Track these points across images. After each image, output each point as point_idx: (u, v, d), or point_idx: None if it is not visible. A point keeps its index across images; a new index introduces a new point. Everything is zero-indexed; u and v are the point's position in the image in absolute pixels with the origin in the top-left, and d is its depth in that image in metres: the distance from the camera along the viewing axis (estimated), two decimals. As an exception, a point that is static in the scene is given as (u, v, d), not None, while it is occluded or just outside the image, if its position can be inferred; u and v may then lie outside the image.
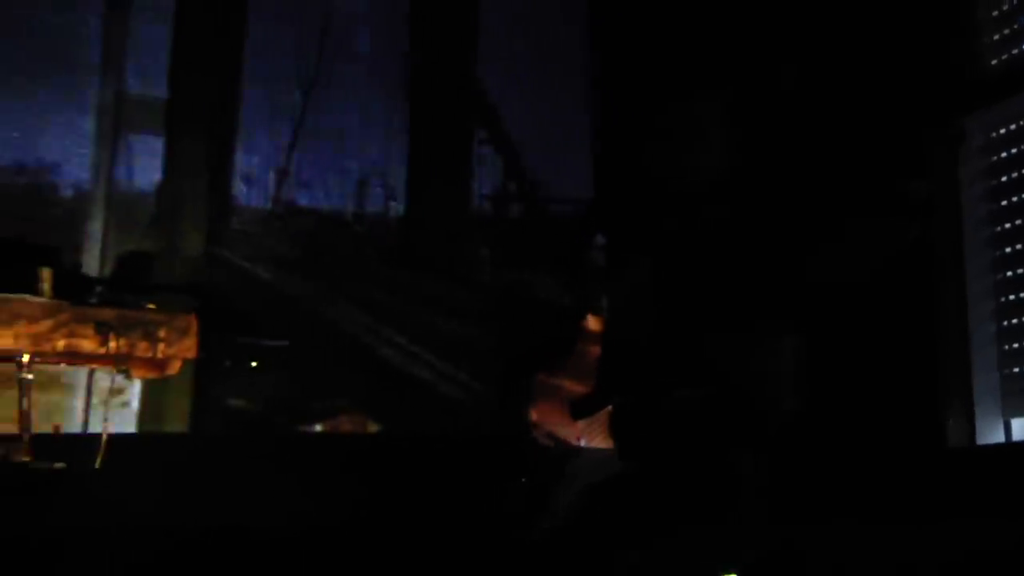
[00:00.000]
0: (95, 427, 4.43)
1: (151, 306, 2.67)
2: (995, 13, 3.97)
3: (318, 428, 4.95)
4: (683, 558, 2.75)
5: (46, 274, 2.43)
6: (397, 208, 5.15)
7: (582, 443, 3.11)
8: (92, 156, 4.83)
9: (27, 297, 2.37)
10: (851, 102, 3.99)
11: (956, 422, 3.88)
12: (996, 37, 3.97)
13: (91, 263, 4.74)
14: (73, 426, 4.44)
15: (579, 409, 3.14)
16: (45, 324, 2.38)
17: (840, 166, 3.73)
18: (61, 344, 2.39)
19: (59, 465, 2.37)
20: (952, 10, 4.02)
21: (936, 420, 3.89)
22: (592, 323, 3.24)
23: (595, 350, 3.23)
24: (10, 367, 2.45)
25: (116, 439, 2.59)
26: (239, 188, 5.01)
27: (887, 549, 3.12)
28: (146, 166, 4.92)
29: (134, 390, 4.52)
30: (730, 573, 2.72)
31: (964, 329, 3.92)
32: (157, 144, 4.93)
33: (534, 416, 3.25)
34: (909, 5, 4.01)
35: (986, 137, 3.98)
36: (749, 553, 2.79)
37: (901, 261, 3.68)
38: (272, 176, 5.03)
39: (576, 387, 3.21)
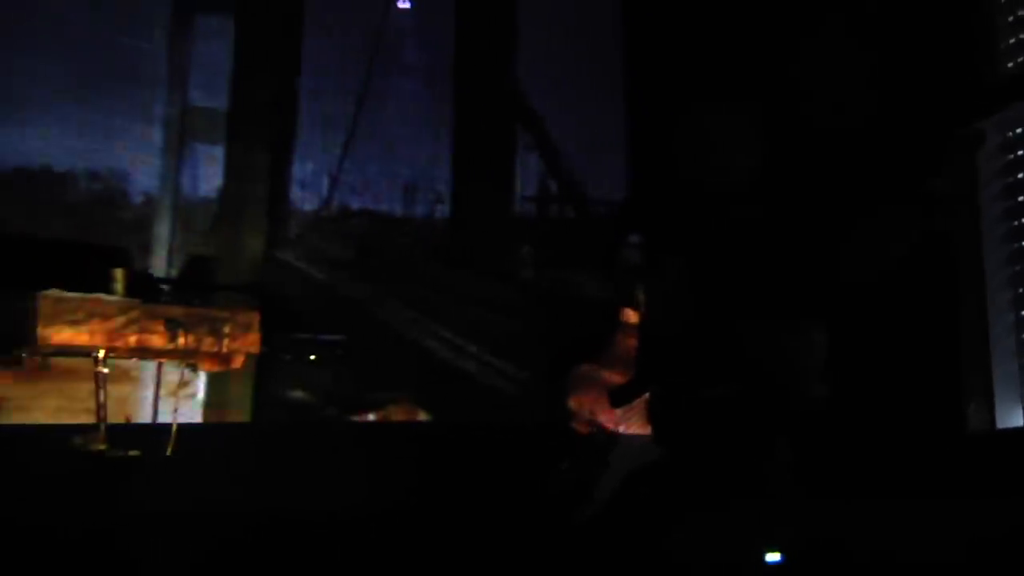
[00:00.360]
0: (163, 417, 4.47)
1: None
2: (1010, 19, 3.94)
3: (371, 418, 4.96)
4: (724, 537, 2.73)
5: (119, 274, 2.45)
6: (444, 210, 5.15)
7: (621, 430, 3.10)
8: (159, 165, 4.88)
9: (102, 296, 2.39)
10: (875, 106, 3.96)
11: (977, 407, 3.87)
12: (1012, 42, 3.94)
13: (159, 264, 4.78)
14: (142, 417, 4.47)
15: (618, 398, 3.14)
16: (118, 321, 2.40)
17: (865, 166, 3.71)
18: (133, 340, 2.41)
19: (134, 453, 2.39)
20: (970, 19, 3.99)
21: (958, 405, 3.88)
22: (630, 317, 3.23)
23: (633, 342, 3.22)
24: (86, 361, 2.47)
25: (184, 429, 2.61)
26: (295, 193, 5.03)
27: (914, 527, 3.09)
28: (209, 173, 4.95)
29: (199, 382, 4.55)
30: (772, 550, 2.71)
31: (983, 319, 3.91)
32: (219, 153, 4.96)
33: (574, 405, 3.25)
34: (930, 16, 3.99)
35: (1003, 137, 3.95)
36: (789, 532, 2.78)
37: (923, 256, 3.66)
38: (326, 182, 5.05)
39: (615, 377, 3.20)
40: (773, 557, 2.73)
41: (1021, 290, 3.87)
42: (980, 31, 4.01)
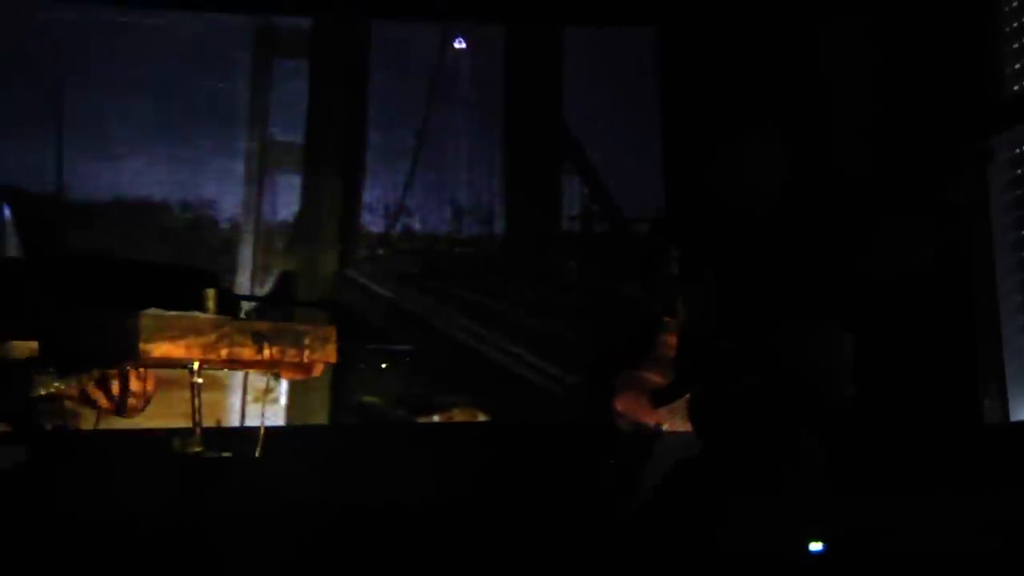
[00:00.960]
0: (250, 421, 4.50)
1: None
2: (1015, 46, 3.90)
3: (436, 419, 4.97)
4: (767, 526, 2.71)
5: (211, 293, 2.46)
6: (498, 229, 5.14)
7: (664, 428, 3.09)
8: (243, 194, 4.92)
9: (196, 314, 2.40)
10: (894, 126, 3.93)
11: (992, 402, 3.85)
12: (1016, 67, 3.90)
13: (244, 283, 4.82)
14: (231, 421, 4.51)
15: (660, 398, 3.12)
16: (211, 336, 2.40)
17: (886, 180, 3.68)
18: (225, 352, 2.41)
19: (226, 454, 2.39)
20: (979, 47, 3.96)
21: (974, 401, 3.85)
22: (670, 323, 3.21)
23: (673, 346, 3.20)
24: (183, 372, 2.48)
25: (270, 431, 2.62)
26: (364, 217, 5.05)
27: (939, 517, 3.04)
28: (287, 201, 4.98)
29: (282, 389, 4.58)
30: (815, 541, 2.68)
31: (996, 321, 3.87)
32: (295, 182, 4.99)
33: (619, 406, 3.23)
34: (942, 45, 3.96)
35: (1011, 152, 3.91)
36: (830, 524, 2.75)
37: (940, 263, 3.61)
38: (391, 206, 5.06)
39: (657, 379, 3.19)
40: (816, 547, 2.70)
41: (1030, 293, 3.82)
42: (988, 58, 3.97)
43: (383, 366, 4.79)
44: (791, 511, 2.73)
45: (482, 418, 4.99)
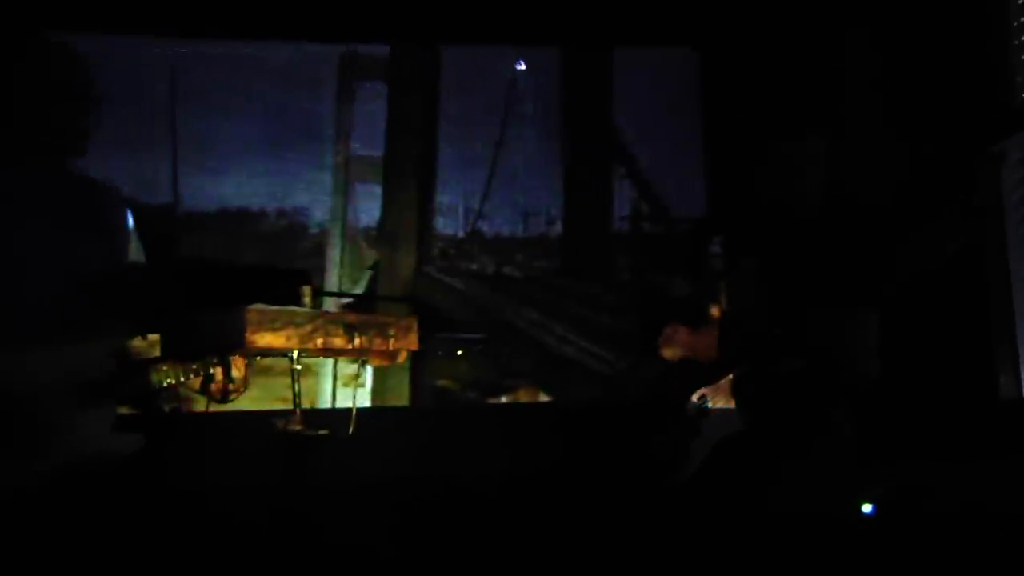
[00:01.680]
0: (340, 403, 4.53)
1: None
2: (1023, 57, 3.85)
3: (503, 400, 4.98)
4: (819, 492, 2.68)
5: (307, 290, 2.48)
6: (557, 230, 5.14)
7: (708, 405, 3.07)
8: (330, 202, 4.97)
9: (294, 308, 2.42)
10: (918, 135, 3.90)
11: (1006, 379, 3.82)
12: None
13: (332, 281, 4.87)
14: (322, 403, 4.55)
15: (705, 377, 3.10)
16: (307, 328, 2.42)
17: (910, 184, 3.64)
18: (319, 342, 2.43)
19: (323, 432, 2.41)
20: (990, 60, 3.91)
21: (990, 378, 3.80)
22: (713, 311, 3.19)
23: (716, 332, 3.17)
24: (278, 361, 2.50)
25: (359, 412, 2.64)
26: (438, 220, 5.07)
27: (966, 482, 3.01)
28: (369, 207, 5.02)
29: (367, 374, 4.60)
30: (864, 502, 2.66)
31: (1009, 307, 3.86)
32: (376, 191, 5.03)
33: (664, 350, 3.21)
34: (958, 60, 3.92)
35: (1021, 154, 3.84)
36: (878, 487, 2.72)
37: (958, 256, 3.56)
38: (462, 211, 5.08)
39: (703, 359, 3.16)
40: (867, 508, 2.68)
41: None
42: (1000, 70, 3.92)
43: (458, 353, 4.81)
44: (839, 474, 2.70)
45: (544, 398, 4.99)
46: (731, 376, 3.00)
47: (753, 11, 4.69)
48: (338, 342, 2.45)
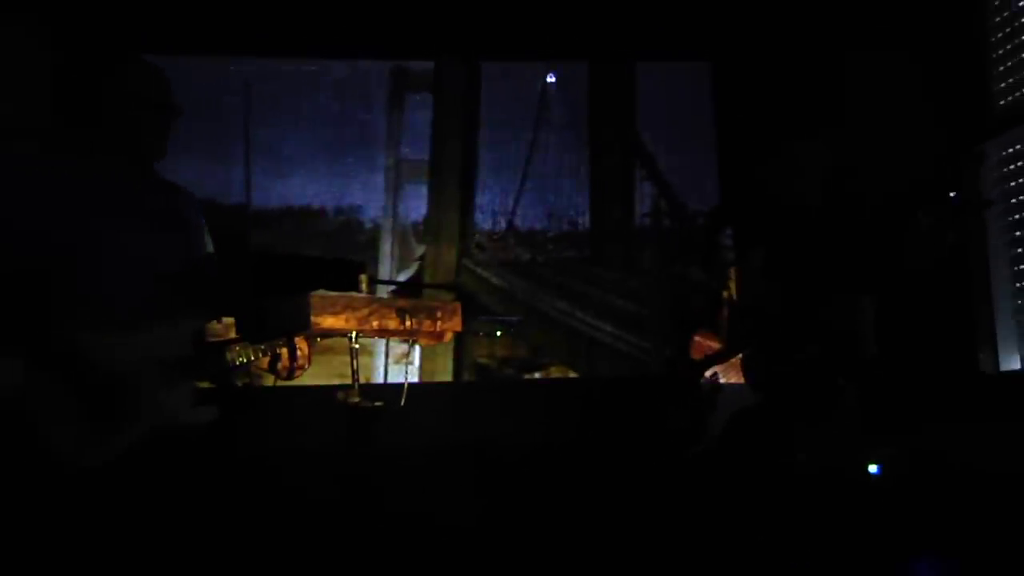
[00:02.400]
0: (391, 379, 4.55)
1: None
2: (1000, 69, 3.85)
3: (537, 376, 4.98)
4: (832, 455, 2.67)
5: (364, 278, 2.50)
6: (584, 226, 5.13)
7: (721, 380, 3.05)
8: (383, 200, 4.98)
9: (353, 294, 2.44)
10: (908, 140, 3.89)
11: (986, 356, 3.84)
12: (1003, 85, 3.85)
13: (385, 271, 4.90)
14: (376, 379, 4.56)
15: (718, 357, 3.08)
16: (364, 311, 2.44)
17: (902, 183, 3.63)
18: (375, 324, 2.45)
19: (378, 404, 2.43)
20: (970, 68, 3.90)
21: (972, 355, 3.84)
22: (725, 295, 3.17)
23: (727, 315, 3.15)
24: (336, 341, 2.51)
25: (410, 386, 2.65)
26: (478, 217, 5.07)
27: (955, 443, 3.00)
28: (416, 205, 5.03)
29: (415, 353, 4.62)
30: (873, 463, 2.64)
31: (989, 292, 3.87)
32: (423, 191, 5.04)
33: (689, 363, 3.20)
34: (941, 66, 3.91)
35: (999, 155, 3.85)
36: (886, 449, 2.70)
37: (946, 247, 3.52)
38: (499, 208, 5.08)
39: (718, 342, 3.15)
40: (873, 468, 2.66)
41: (1016, 268, 3.80)
42: (980, 78, 3.94)
43: (496, 334, 4.81)
44: (848, 439, 2.69)
45: (572, 375, 4.98)
46: (741, 355, 2.98)
47: (761, 26, 4.70)
48: (392, 324, 2.47)
